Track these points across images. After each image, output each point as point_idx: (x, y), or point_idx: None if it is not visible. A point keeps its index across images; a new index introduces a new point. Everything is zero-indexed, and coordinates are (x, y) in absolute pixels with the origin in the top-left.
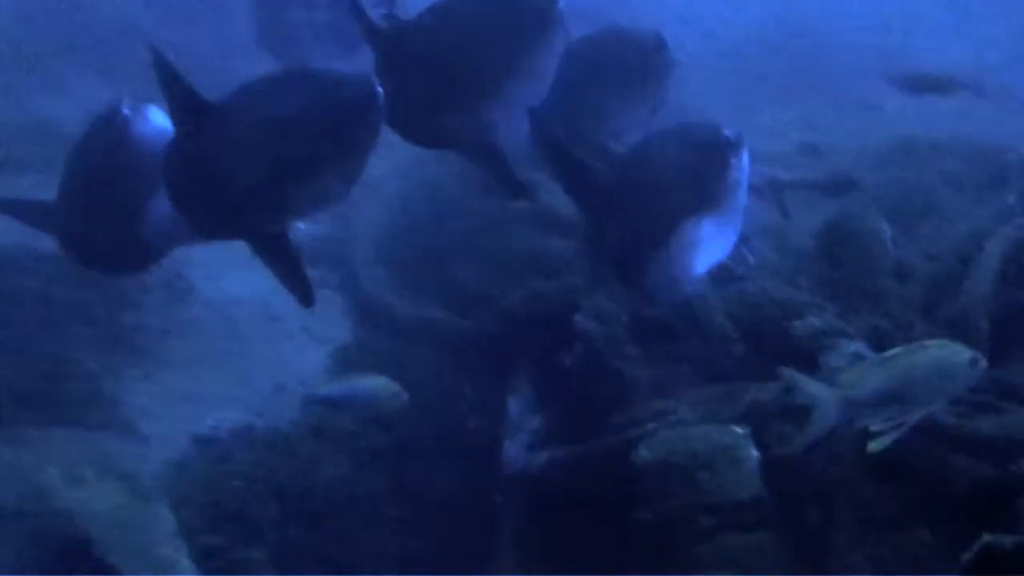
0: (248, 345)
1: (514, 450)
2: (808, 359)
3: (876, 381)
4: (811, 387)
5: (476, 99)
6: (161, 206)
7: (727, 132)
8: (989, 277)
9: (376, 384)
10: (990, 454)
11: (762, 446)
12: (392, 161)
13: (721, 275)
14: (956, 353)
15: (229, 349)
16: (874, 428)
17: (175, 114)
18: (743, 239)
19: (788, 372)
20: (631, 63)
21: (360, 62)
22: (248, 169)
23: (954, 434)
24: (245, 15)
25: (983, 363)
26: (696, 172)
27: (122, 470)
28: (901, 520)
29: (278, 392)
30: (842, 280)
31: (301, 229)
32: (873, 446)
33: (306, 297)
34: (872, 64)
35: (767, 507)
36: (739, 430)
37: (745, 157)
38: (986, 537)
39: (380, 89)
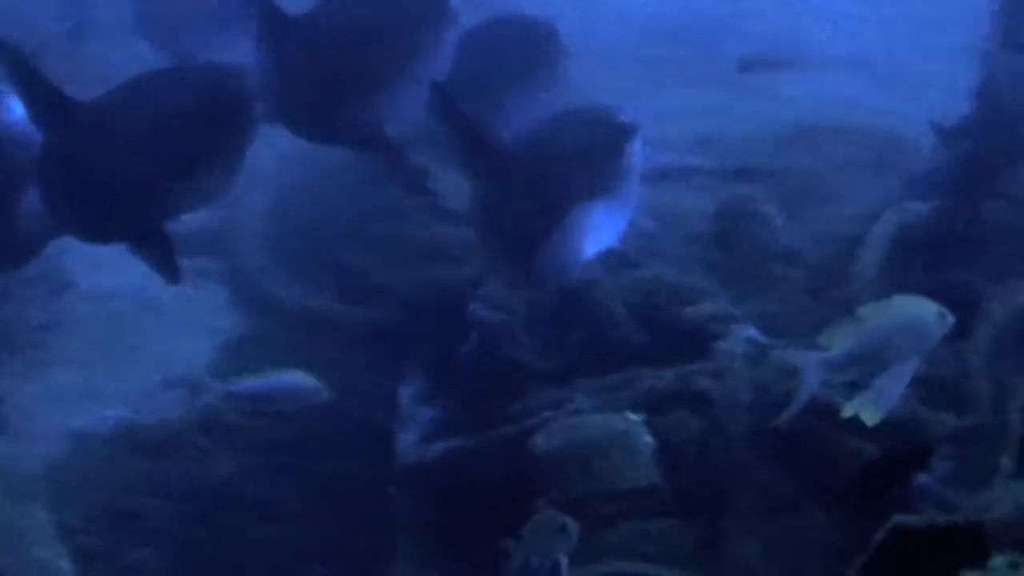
0: (131, 339)
1: (408, 441)
2: (701, 344)
3: (852, 341)
4: (790, 354)
5: (367, 92)
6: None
7: (621, 117)
8: (876, 260)
9: (296, 379)
10: (876, 434)
11: (658, 433)
12: (277, 148)
13: (615, 261)
14: (926, 308)
15: (111, 343)
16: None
17: (34, 114)
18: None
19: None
20: (524, 50)
21: (241, 52)
22: (123, 172)
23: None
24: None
25: (950, 318)
26: (589, 156)
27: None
28: (795, 504)
29: (164, 387)
30: (734, 265)
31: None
32: (867, 417)
33: (172, 273)
34: (770, 51)
35: (663, 494)
36: (634, 417)
37: (639, 143)
38: (896, 517)
39: (253, 81)
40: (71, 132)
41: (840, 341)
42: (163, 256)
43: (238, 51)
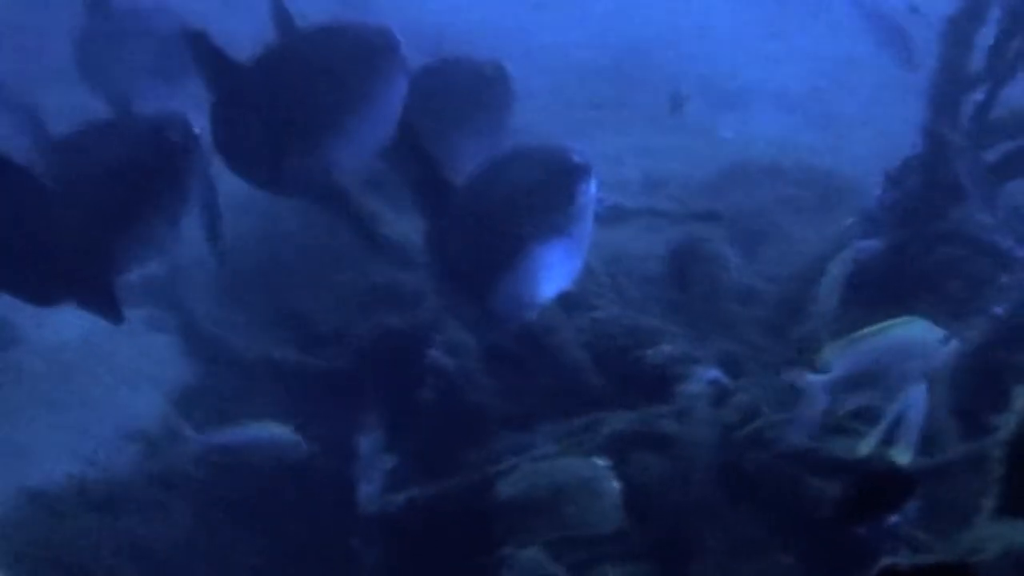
0: (82, 392)
1: (368, 491)
2: (664, 387)
3: (853, 363)
4: (794, 374)
5: (315, 137)
6: None
7: (575, 156)
8: (833, 298)
9: (275, 432)
10: (842, 475)
11: (624, 477)
12: (224, 196)
13: (570, 303)
14: (928, 331)
15: (61, 396)
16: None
17: None
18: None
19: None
20: (472, 92)
21: (184, 97)
22: (63, 230)
23: (809, 457)
24: (63, 43)
25: (955, 343)
26: (543, 195)
27: None
28: (765, 544)
29: (118, 440)
30: (690, 306)
31: None
32: (899, 455)
33: (114, 316)
34: (701, 90)
35: (631, 539)
36: (600, 462)
37: (593, 182)
38: (885, 560)
39: (197, 130)
40: (10, 193)
41: (840, 361)
42: (104, 300)
43: (185, 96)
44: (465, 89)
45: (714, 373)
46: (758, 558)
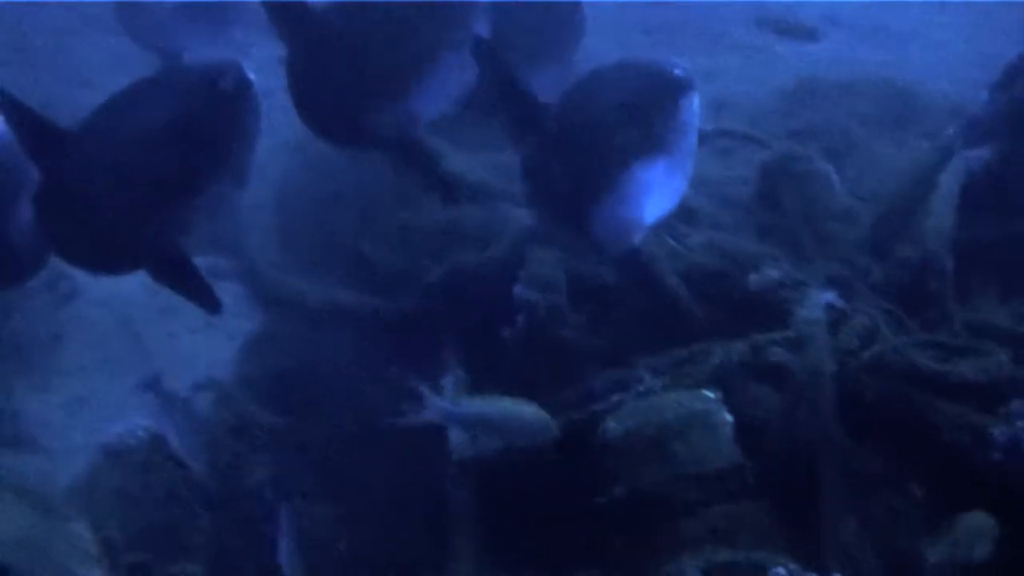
0: (147, 344)
1: (459, 437)
2: (771, 313)
3: None
4: None
5: (398, 91)
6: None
7: (677, 70)
8: (949, 213)
9: (526, 412)
10: (974, 398)
11: (736, 410)
12: (276, 138)
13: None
14: None
15: (129, 349)
16: None
17: (26, 147)
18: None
19: None
20: (547, 23)
21: (227, 43)
22: (124, 195)
23: (936, 380)
24: None
25: None
26: (644, 111)
27: (29, 489)
28: (890, 477)
29: (192, 392)
30: (787, 227)
31: None
32: None
33: (211, 303)
34: (749, 11)
35: (748, 474)
36: (711, 394)
37: (696, 98)
38: None
39: (252, 76)
40: (65, 163)
41: None
42: (195, 285)
43: (226, 44)
44: (541, 19)
45: (830, 296)
46: (885, 494)
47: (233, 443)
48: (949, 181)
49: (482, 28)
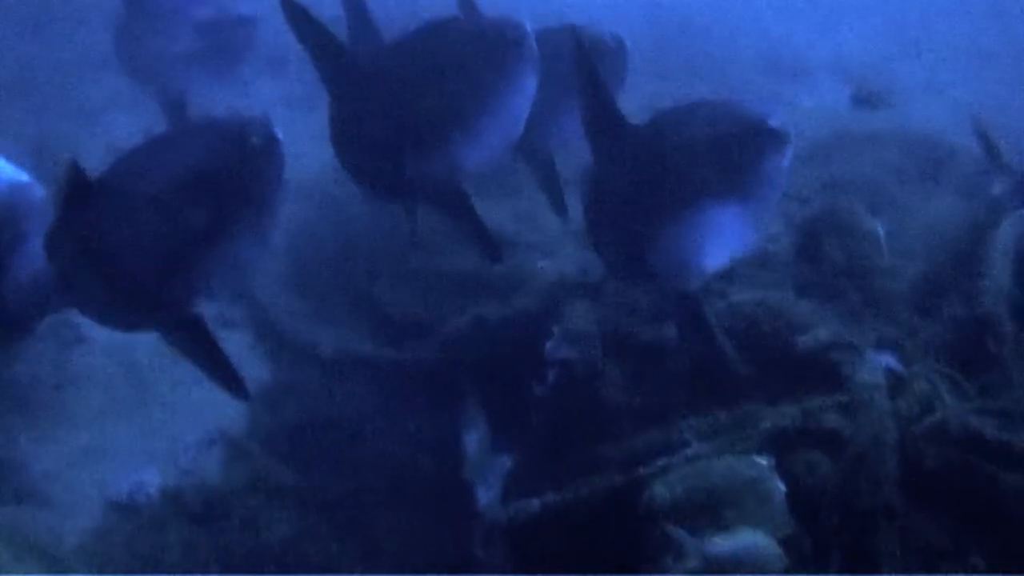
0: (155, 393)
1: (488, 496)
2: (823, 376)
3: None
4: None
5: (443, 139)
6: (27, 263)
7: (771, 118)
8: (1006, 272)
9: (759, 543)
10: None
11: (788, 477)
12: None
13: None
14: None
15: (137, 398)
16: None
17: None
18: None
19: None
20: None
21: (232, 83)
22: (145, 248)
23: (999, 449)
24: (98, 31)
25: None
26: (728, 154)
27: (36, 545)
28: (951, 548)
29: (203, 444)
30: (830, 285)
31: None
32: None
33: (236, 387)
34: (771, 60)
35: (803, 546)
36: (762, 461)
37: (788, 151)
38: None
39: (279, 133)
40: (88, 207)
41: None
42: (221, 366)
43: (231, 84)
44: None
45: (888, 359)
46: (946, 566)
47: (252, 501)
48: (1005, 240)
49: (531, 75)
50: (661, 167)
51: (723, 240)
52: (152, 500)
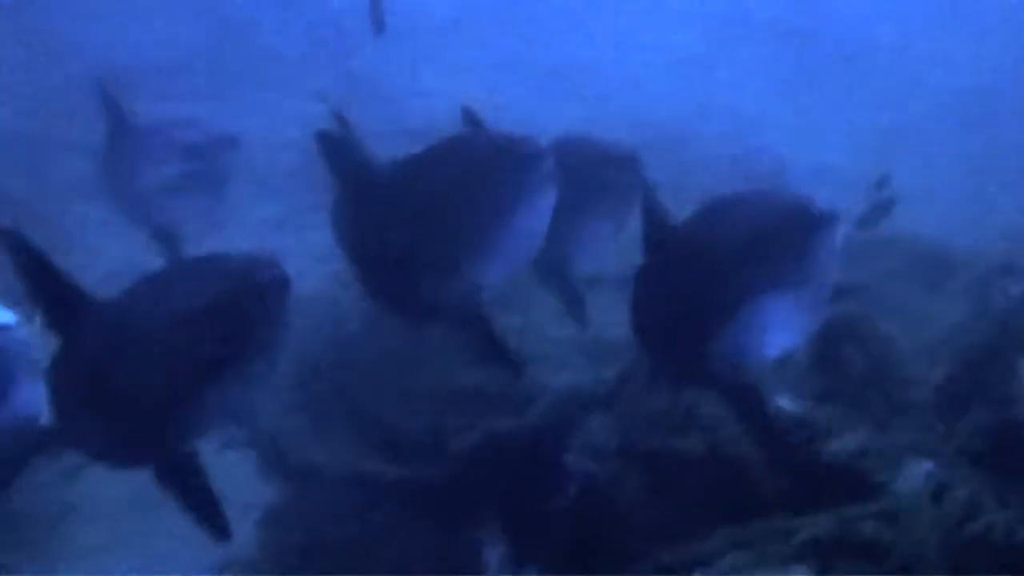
0: (160, 522)
1: None
2: (854, 484)
3: None
4: None
5: (461, 259)
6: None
7: (817, 205)
8: None
9: None
10: None
11: None
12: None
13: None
14: None
15: (141, 529)
16: None
17: (47, 316)
18: None
19: None
20: (605, 175)
21: (221, 211)
22: (143, 383)
23: None
24: (78, 158)
25: None
26: (778, 242)
27: None
28: None
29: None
30: (852, 391)
31: None
32: None
33: (221, 530)
34: (742, 169)
35: None
36: (801, 572)
37: (837, 235)
38: None
39: (287, 274)
40: (86, 334)
41: None
42: (209, 508)
43: (221, 213)
44: (598, 171)
45: (928, 465)
46: None
47: None
48: None
49: (549, 191)
50: (714, 262)
51: (783, 329)
52: None
